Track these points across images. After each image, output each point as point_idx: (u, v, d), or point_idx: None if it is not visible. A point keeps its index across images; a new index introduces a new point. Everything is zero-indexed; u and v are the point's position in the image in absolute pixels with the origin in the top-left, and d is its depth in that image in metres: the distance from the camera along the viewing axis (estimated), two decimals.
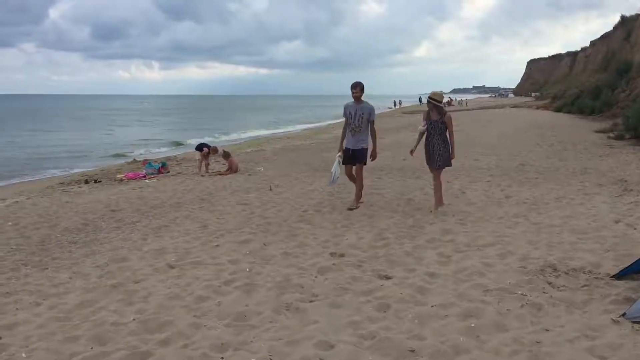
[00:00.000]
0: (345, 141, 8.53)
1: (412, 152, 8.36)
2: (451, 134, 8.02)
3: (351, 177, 8.67)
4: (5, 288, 5.35)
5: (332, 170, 8.62)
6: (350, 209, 8.29)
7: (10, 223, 8.60)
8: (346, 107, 8.46)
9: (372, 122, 8.38)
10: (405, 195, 9.51)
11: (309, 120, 52.47)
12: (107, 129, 45.02)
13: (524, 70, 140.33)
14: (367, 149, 8.43)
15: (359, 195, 8.62)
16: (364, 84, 8.19)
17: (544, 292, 4.64)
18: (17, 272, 5.93)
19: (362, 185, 8.68)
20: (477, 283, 4.91)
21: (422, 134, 8.19)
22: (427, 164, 8.31)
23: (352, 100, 8.33)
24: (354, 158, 8.44)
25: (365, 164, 8.51)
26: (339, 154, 8.53)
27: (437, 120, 8.01)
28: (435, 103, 8.01)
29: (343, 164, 8.51)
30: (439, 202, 8.21)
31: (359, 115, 8.25)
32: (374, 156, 8.51)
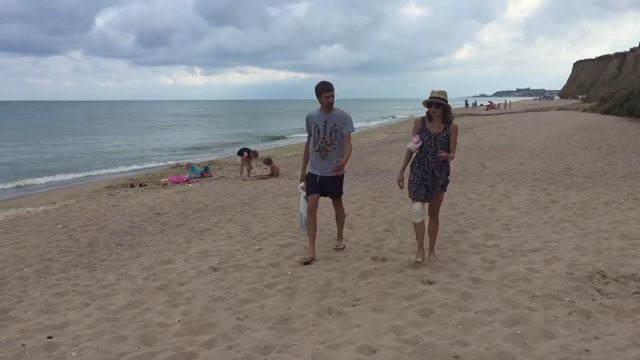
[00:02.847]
0: (309, 166, 6.19)
1: (399, 181, 5.81)
2: (453, 147, 5.51)
3: (314, 214, 6.10)
4: (56, 289, 5.53)
5: (300, 210, 6.42)
6: (338, 249, 6.44)
7: (60, 225, 8.89)
8: (309, 119, 6.08)
9: (349, 135, 6.02)
10: (447, 200, 9.36)
11: None
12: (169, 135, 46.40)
13: (570, 72, 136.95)
14: (343, 176, 6.20)
15: (340, 235, 6.61)
16: (405, 87, 6.70)
17: (593, 299, 4.51)
18: (67, 273, 6.12)
19: (344, 222, 6.64)
20: (522, 289, 4.81)
21: (411, 154, 5.70)
22: (413, 195, 5.67)
23: (318, 108, 6.02)
24: (322, 188, 6.11)
25: (342, 194, 6.34)
26: (302, 184, 6.32)
27: (439, 133, 5.47)
28: (441, 102, 5.38)
29: (307, 193, 6.16)
30: (432, 248, 6.00)
31: (331, 127, 5.90)
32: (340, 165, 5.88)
